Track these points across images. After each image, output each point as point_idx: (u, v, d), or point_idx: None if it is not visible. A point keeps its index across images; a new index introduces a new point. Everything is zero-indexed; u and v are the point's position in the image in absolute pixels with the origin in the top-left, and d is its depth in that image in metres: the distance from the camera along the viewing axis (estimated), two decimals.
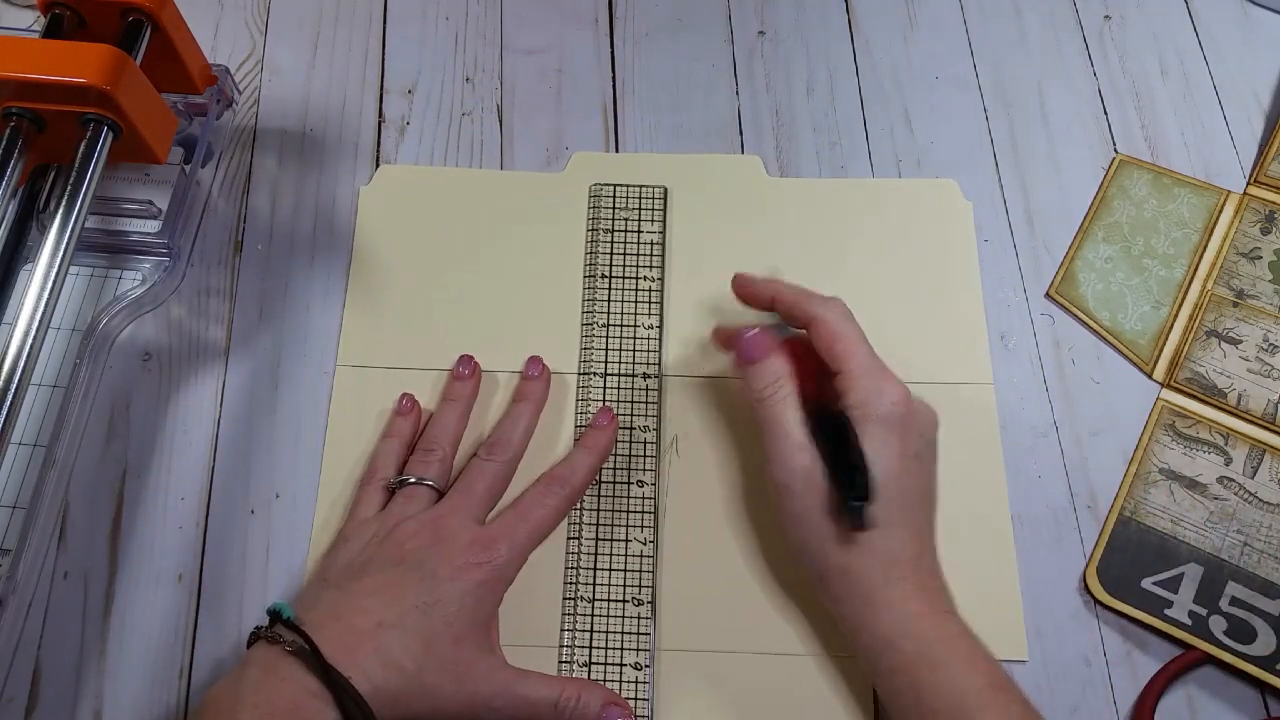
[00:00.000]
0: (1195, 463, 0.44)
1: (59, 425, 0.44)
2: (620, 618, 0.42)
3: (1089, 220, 0.50)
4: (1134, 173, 0.50)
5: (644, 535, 0.43)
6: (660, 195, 0.50)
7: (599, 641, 0.42)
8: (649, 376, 0.46)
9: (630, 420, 0.45)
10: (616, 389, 0.46)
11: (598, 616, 0.42)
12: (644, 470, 0.44)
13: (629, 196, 0.50)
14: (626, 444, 0.45)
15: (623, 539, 0.43)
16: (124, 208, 0.47)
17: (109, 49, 0.40)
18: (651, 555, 0.43)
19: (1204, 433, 0.44)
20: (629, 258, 0.49)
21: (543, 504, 0.42)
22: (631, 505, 0.44)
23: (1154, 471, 0.44)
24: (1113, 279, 0.48)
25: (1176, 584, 0.42)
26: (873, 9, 0.56)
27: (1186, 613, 0.41)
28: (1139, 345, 0.47)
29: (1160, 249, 0.48)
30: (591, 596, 0.42)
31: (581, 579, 0.43)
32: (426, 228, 0.50)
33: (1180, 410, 0.45)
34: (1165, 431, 0.45)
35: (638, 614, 0.42)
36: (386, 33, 0.56)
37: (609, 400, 0.46)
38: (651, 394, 0.46)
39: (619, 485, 0.44)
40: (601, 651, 0.41)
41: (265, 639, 0.36)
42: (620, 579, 0.43)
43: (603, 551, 0.43)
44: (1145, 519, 0.43)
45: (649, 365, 0.46)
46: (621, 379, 0.46)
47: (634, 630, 0.42)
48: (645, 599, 0.42)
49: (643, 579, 0.43)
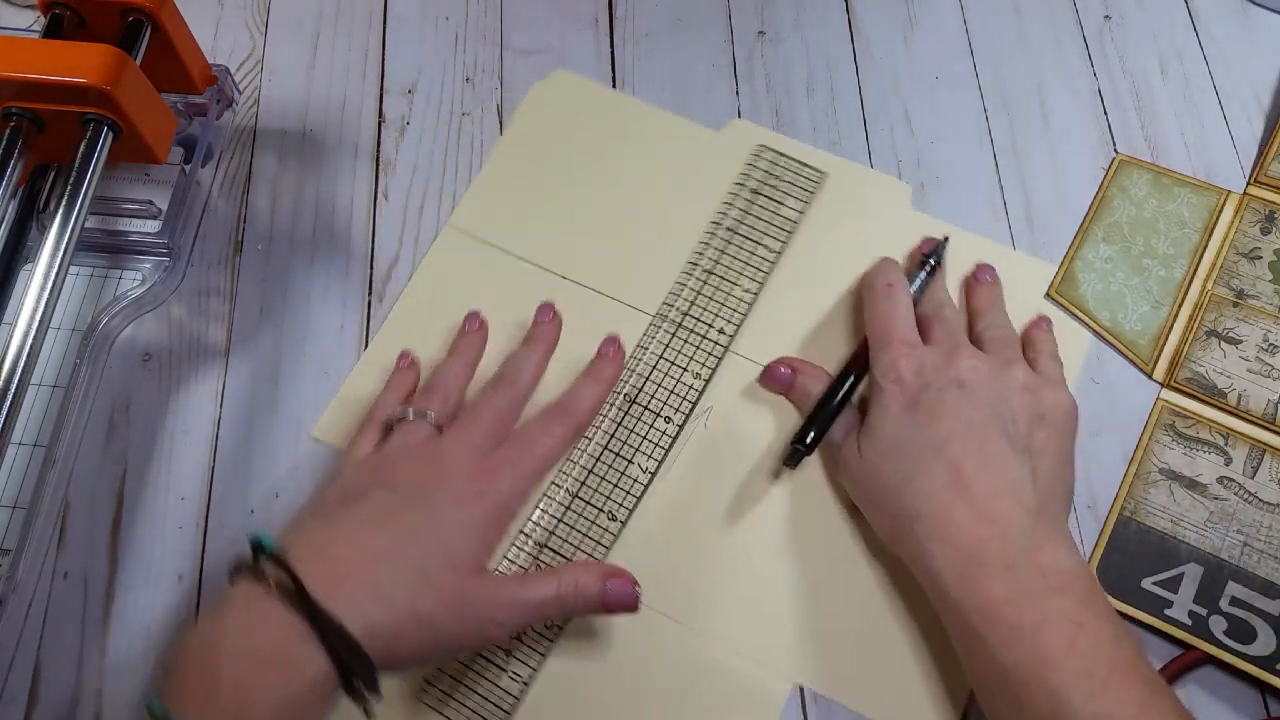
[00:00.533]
0: (1195, 463, 0.44)
1: (59, 425, 0.44)
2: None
3: (1089, 220, 0.50)
4: (1134, 173, 0.50)
5: (632, 487, 0.43)
6: (817, 179, 0.50)
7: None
8: (723, 333, 0.46)
9: (684, 365, 0.46)
10: (683, 340, 0.46)
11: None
12: (669, 419, 0.44)
13: (788, 169, 0.51)
14: (667, 383, 0.45)
15: (609, 481, 0.43)
16: (124, 208, 0.47)
17: (109, 49, 0.40)
18: (626, 509, 0.43)
19: (1204, 433, 0.44)
20: (761, 223, 0.49)
21: (548, 433, 0.41)
22: (641, 444, 0.44)
23: (1154, 471, 0.44)
24: (1113, 279, 0.48)
25: (1176, 584, 0.42)
26: (873, 9, 0.56)
27: (1186, 613, 0.41)
28: (1139, 345, 0.47)
29: (1160, 249, 0.48)
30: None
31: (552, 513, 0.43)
32: (580, 137, 0.52)
33: (1180, 410, 0.45)
34: (1165, 431, 0.45)
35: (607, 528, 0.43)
36: (386, 33, 0.56)
37: (669, 350, 0.46)
38: (715, 353, 0.46)
39: (641, 421, 0.44)
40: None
41: (246, 574, 0.33)
42: (589, 519, 0.43)
43: (581, 495, 0.43)
44: (1145, 519, 0.43)
45: (727, 325, 0.47)
46: (693, 333, 0.46)
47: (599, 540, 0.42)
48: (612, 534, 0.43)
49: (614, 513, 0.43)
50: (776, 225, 0.49)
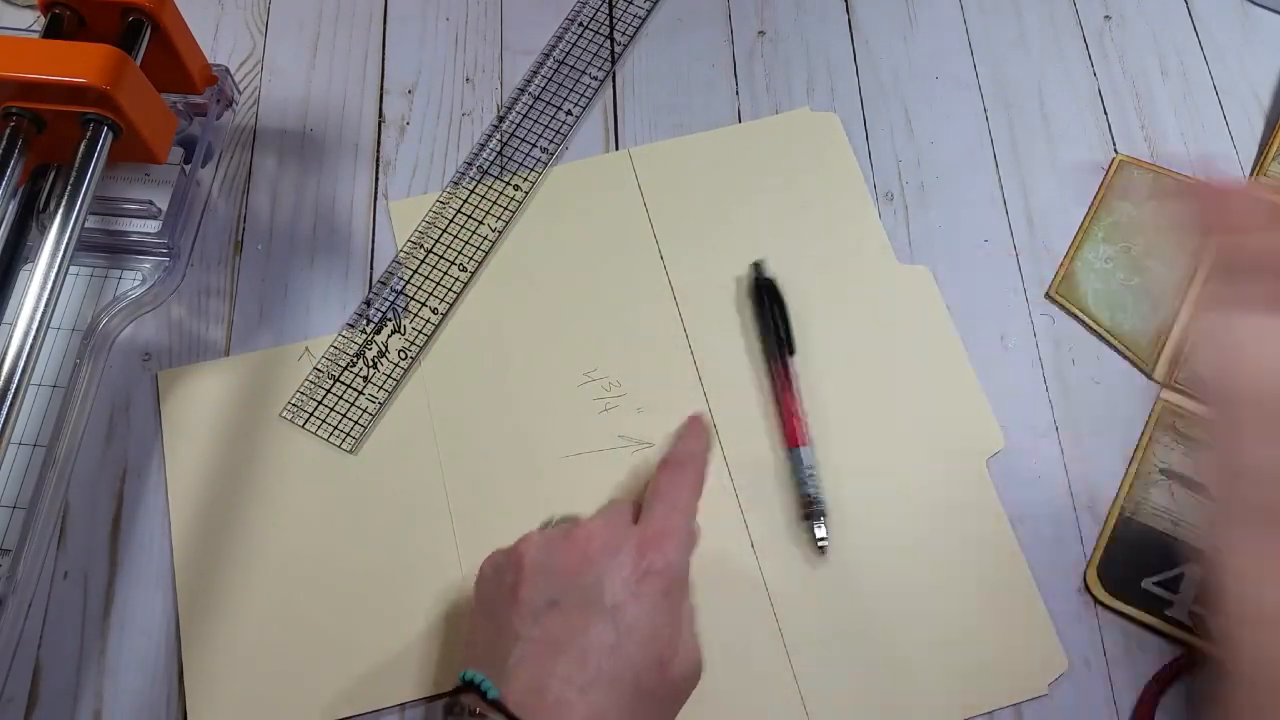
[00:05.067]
0: (1194, 463, 0.44)
1: (59, 425, 0.44)
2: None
3: (1089, 220, 0.50)
4: (1134, 173, 0.50)
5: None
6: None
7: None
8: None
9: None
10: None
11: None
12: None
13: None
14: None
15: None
16: (124, 208, 0.47)
17: (109, 49, 0.40)
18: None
19: (1203, 433, 0.44)
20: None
21: (682, 484, 0.38)
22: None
23: (1154, 471, 0.44)
24: (1113, 279, 0.48)
25: (1177, 584, 0.42)
26: (873, 9, 0.56)
27: (1187, 613, 0.41)
28: (1139, 345, 0.47)
29: (1159, 249, 0.48)
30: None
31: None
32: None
33: (1180, 410, 0.45)
34: (1165, 432, 0.45)
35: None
36: (386, 33, 0.56)
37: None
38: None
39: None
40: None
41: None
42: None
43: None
44: (1146, 519, 0.43)
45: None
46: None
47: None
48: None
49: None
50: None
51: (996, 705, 0.41)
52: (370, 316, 0.48)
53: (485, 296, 0.48)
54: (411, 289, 0.48)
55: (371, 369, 0.46)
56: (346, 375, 0.46)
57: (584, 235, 0.50)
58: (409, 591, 0.43)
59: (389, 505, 0.44)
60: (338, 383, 0.46)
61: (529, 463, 0.45)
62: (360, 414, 0.45)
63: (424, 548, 0.43)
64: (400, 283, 0.48)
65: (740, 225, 0.50)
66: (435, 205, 0.50)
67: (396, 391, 0.46)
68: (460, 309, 0.48)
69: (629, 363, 0.47)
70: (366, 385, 0.46)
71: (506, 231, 0.50)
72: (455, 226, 0.50)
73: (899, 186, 0.51)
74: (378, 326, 0.47)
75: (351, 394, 0.46)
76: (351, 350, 0.47)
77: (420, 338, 0.47)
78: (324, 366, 0.46)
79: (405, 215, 0.50)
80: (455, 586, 0.43)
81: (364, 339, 0.47)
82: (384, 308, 0.48)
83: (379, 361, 0.47)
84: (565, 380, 0.47)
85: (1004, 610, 0.42)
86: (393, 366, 0.46)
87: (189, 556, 0.43)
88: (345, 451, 0.45)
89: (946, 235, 0.50)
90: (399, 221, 0.50)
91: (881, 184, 0.52)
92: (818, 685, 0.41)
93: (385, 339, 0.47)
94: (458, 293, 0.48)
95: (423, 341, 0.47)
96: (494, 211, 0.50)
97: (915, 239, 0.50)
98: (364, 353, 0.47)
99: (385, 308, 0.48)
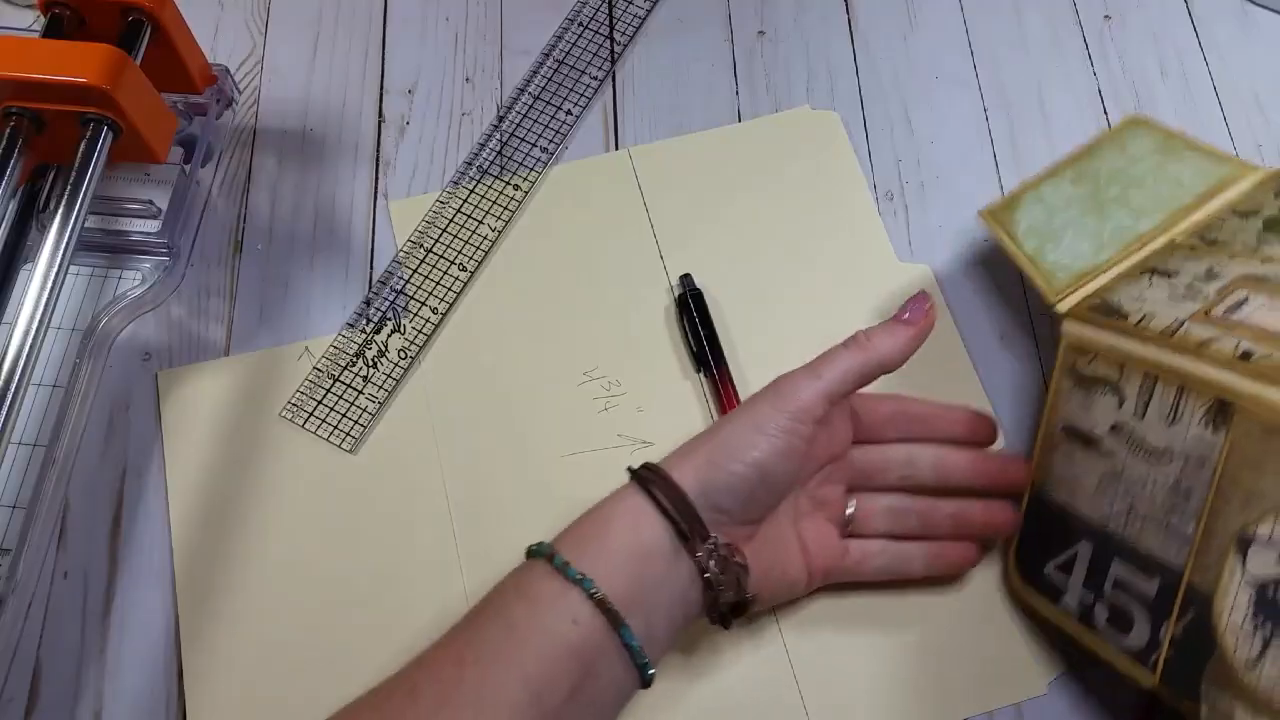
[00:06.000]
0: (1091, 412, 0.40)
1: (59, 425, 0.44)
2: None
3: (1064, 165, 0.47)
4: (1141, 132, 0.48)
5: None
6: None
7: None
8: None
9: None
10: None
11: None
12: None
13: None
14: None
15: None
16: (124, 208, 0.47)
17: (109, 49, 0.40)
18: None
19: (1100, 368, 0.40)
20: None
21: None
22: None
23: (1057, 432, 0.41)
24: (1060, 215, 0.45)
25: (1070, 566, 0.39)
26: (873, 9, 0.56)
27: (1077, 600, 0.38)
28: (1054, 277, 0.44)
29: (1136, 201, 0.45)
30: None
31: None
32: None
33: (1082, 345, 0.41)
34: (1068, 376, 0.41)
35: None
36: (386, 33, 0.56)
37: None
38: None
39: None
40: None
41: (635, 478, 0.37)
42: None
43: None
44: (1050, 492, 0.40)
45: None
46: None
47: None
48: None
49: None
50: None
51: (996, 705, 0.41)
52: (370, 316, 0.48)
53: (485, 296, 0.48)
54: (411, 289, 0.48)
55: (371, 369, 0.46)
56: (346, 375, 0.46)
57: (584, 234, 0.50)
58: (409, 590, 0.43)
59: (389, 505, 0.44)
60: (337, 382, 0.46)
61: (528, 462, 0.45)
62: (360, 414, 0.45)
63: (424, 547, 0.43)
64: (400, 282, 0.48)
65: (740, 224, 0.50)
66: (435, 205, 0.50)
67: (396, 391, 0.46)
68: (460, 309, 0.48)
69: (629, 362, 0.47)
70: (366, 385, 0.46)
71: (506, 231, 0.50)
72: (455, 226, 0.50)
73: (899, 186, 0.51)
74: (377, 326, 0.47)
75: (351, 394, 0.46)
76: (351, 350, 0.47)
77: (420, 337, 0.47)
78: (324, 366, 0.47)
79: (405, 215, 0.50)
80: (455, 585, 0.43)
81: (364, 339, 0.47)
82: (384, 307, 0.48)
83: (379, 361, 0.47)
84: (565, 380, 0.47)
85: (1004, 609, 0.42)
86: (392, 366, 0.46)
87: (189, 556, 0.43)
88: (345, 451, 0.45)
89: (946, 235, 0.50)
90: (399, 221, 0.50)
91: (881, 183, 0.52)
92: (817, 685, 0.41)
93: (385, 339, 0.47)
94: (457, 292, 0.48)
95: (422, 341, 0.47)
96: (494, 211, 0.50)
97: (915, 239, 0.50)
98: (364, 352, 0.47)
99: (385, 307, 0.48)
